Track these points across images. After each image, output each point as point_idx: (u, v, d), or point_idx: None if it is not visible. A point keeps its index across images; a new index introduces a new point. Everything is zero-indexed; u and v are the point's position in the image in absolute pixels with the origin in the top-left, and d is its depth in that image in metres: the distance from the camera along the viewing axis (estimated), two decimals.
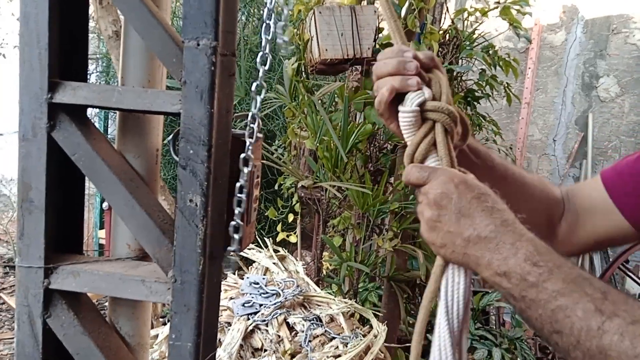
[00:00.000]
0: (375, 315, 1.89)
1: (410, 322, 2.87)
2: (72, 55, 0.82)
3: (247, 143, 0.78)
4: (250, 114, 0.82)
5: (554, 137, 4.37)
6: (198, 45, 0.71)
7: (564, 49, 4.28)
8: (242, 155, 0.79)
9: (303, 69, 2.34)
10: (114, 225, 0.89)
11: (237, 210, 0.81)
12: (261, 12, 4.19)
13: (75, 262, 0.80)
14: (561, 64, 4.30)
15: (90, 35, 4.37)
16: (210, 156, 0.73)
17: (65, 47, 0.79)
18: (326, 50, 2.21)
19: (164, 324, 2.26)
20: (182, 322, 0.76)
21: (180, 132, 0.73)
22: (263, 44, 0.77)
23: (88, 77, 0.89)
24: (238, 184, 0.80)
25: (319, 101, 2.31)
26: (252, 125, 0.80)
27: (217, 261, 0.81)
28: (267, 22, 0.76)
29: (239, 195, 0.80)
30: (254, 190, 0.87)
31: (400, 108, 0.71)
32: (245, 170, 0.80)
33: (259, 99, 0.78)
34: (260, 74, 0.77)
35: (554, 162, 4.38)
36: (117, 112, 0.87)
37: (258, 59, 0.77)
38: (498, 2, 2.79)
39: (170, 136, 0.82)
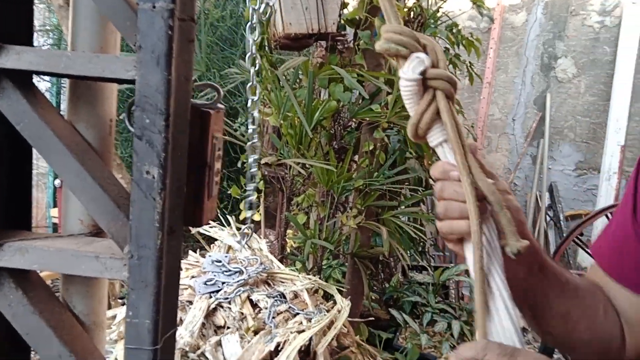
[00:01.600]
0: (339, 291, 1.90)
1: (373, 297, 2.92)
2: (16, 18, 0.76)
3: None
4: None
5: (513, 116, 4.47)
6: (154, 7, 0.67)
7: (524, 29, 4.36)
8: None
9: (266, 44, 2.29)
10: (65, 200, 0.85)
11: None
12: None
13: (23, 239, 0.76)
14: (522, 44, 4.38)
15: (40, 6, 4.13)
16: (168, 126, 0.70)
17: (7, 8, 0.73)
18: (290, 24, 2.16)
19: (123, 304, 2.21)
20: (139, 299, 0.74)
21: (135, 100, 0.70)
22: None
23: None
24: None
25: (283, 77, 2.27)
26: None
27: (177, 236, 0.78)
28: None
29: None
30: (215, 163, 0.84)
31: (401, 75, 0.66)
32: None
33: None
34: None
35: (512, 141, 4.49)
36: (68, 80, 0.82)
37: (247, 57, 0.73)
38: None
39: (127, 109, 0.78)
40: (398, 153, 2.63)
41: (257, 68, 0.74)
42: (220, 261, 1.72)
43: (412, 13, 2.92)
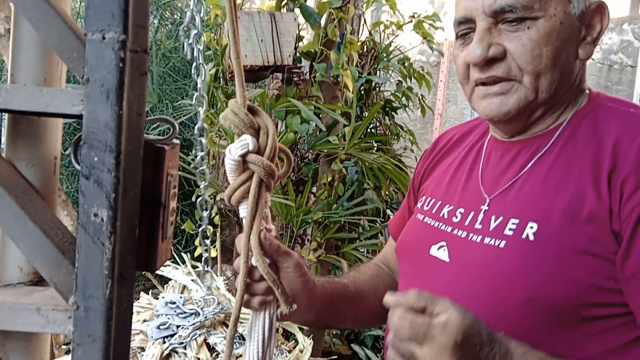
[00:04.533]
0: (300, 329, 1.83)
1: (334, 332, 2.85)
2: None
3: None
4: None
5: None
6: (103, 38, 0.63)
7: None
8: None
9: (221, 75, 2.25)
10: (3, 245, 0.77)
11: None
12: (175, 16, 4.04)
13: None
14: None
15: None
16: (118, 164, 0.64)
17: None
18: (246, 56, 2.14)
19: (67, 352, 2.05)
20: (86, 355, 0.66)
21: (82, 137, 0.64)
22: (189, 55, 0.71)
23: None
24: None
25: None
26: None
27: (128, 283, 0.72)
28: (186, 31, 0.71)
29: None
30: (170, 202, 0.79)
31: (226, 152, 0.77)
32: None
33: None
34: (199, 84, 0.71)
35: None
36: (7, 114, 0.75)
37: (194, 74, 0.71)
38: (412, 17, 2.89)
39: (73, 144, 0.72)
40: (356, 184, 2.63)
41: (203, 78, 0.72)
42: (174, 303, 1.63)
43: (365, 47, 2.98)
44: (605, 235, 0.68)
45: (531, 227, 0.73)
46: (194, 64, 0.71)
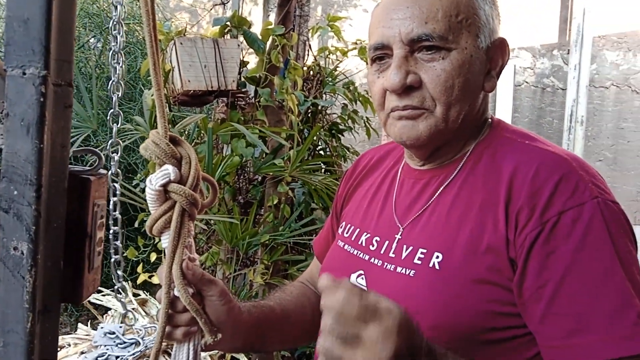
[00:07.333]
0: (247, 356, 1.83)
1: (286, 355, 2.84)
2: None
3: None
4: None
5: None
6: (24, 74, 0.64)
7: None
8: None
9: (165, 100, 2.25)
10: None
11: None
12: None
13: None
14: None
15: None
16: (39, 197, 0.65)
17: None
18: (189, 81, 2.16)
19: None
20: None
21: (1, 171, 0.64)
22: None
23: None
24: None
25: (184, 133, 2.24)
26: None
27: (52, 315, 0.72)
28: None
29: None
30: (97, 233, 0.79)
31: (147, 182, 0.76)
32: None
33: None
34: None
35: None
36: None
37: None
38: (355, 43, 2.99)
39: None
40: (303, 205, 2.66)
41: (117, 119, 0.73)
42: (113, 333, 1.59)
43: (311, 72, 3.05)
44: (503, 263, 0.73)
45: (437, 257, 0.77)
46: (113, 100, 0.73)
